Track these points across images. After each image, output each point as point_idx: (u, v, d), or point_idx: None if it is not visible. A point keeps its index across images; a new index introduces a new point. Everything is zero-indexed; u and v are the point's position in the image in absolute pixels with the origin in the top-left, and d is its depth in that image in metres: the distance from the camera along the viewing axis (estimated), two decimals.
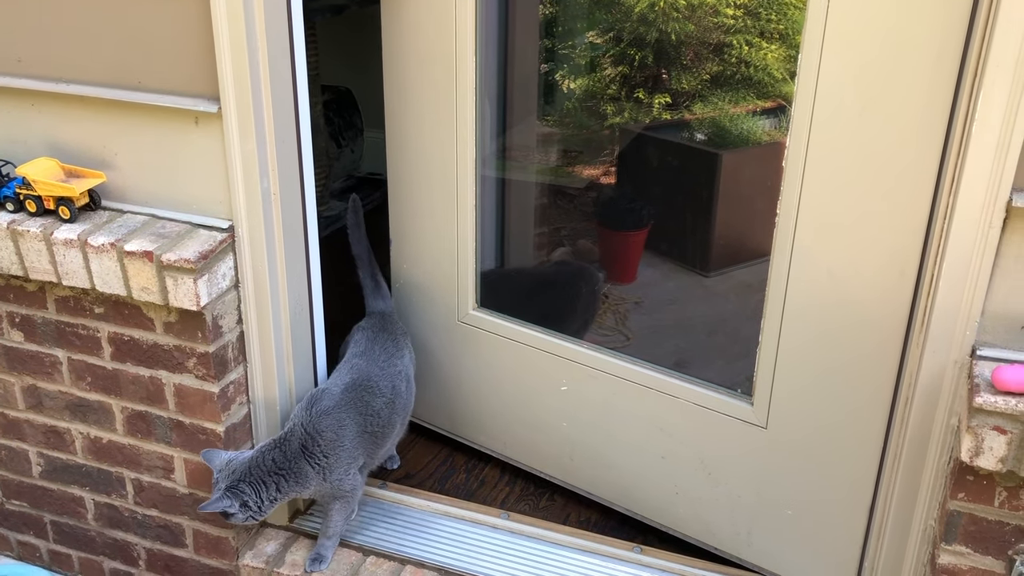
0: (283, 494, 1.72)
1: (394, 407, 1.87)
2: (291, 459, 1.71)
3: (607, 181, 2.68)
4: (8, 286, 1.82)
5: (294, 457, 1.71)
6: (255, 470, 1.70)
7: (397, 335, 1.98)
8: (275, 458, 1.71)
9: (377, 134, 3.66)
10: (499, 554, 1.86)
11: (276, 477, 1.70)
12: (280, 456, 1.71)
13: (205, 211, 1.72)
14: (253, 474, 1.69)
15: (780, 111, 2.38)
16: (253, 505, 1.69)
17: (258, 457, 1.72)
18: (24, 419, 1.94)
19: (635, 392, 1.88)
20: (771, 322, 1.66)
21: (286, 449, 1.72)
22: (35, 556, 2.11)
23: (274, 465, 1.71)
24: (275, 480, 1.70)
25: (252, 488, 1.69)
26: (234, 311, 1.75)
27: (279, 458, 1.71)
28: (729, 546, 1.85)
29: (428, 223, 2.07)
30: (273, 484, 1.70)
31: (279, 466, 1.71)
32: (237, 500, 1.68)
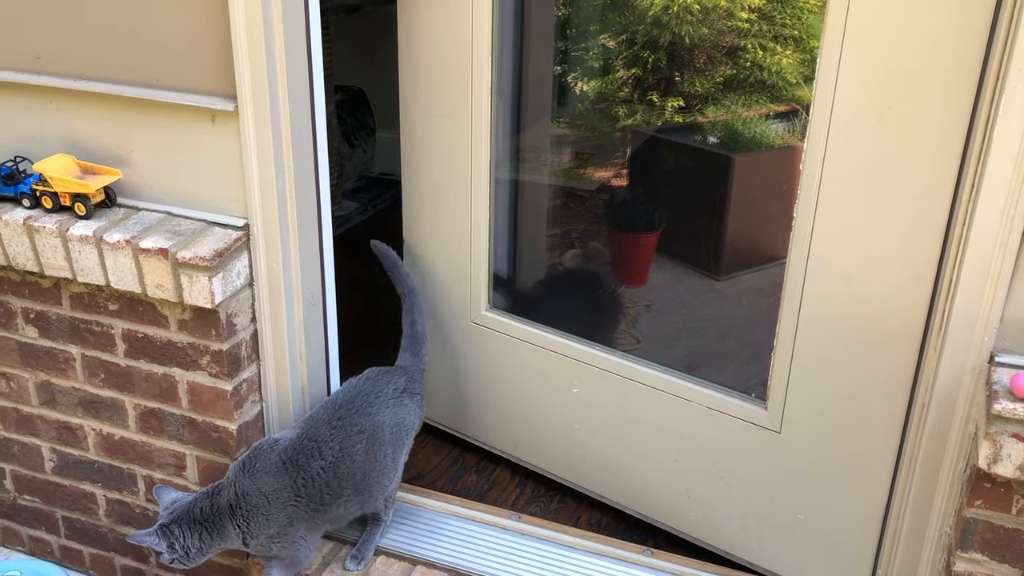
0: (207, 546, 1.65)
1: (337, 472, 1.69)
2: (217, 514, 1.65)
3: (618, 183, 2.68)
4: (23, 282, 1.82)
5: (219, 513, 1.65)
6: (187, 515, 1.65)
7: (386, 393, 1.80)
8: (203, 508, 1.65)
9: (389, 134, 3.68)
10: (510, 556, 1.85)
11: (200, 528, 1.65)
12: (208, 508, 1.65)
13: (220, 209, 1.72)
14: (184, 519, 1.65)
15: (794, 115, 2.37)
16: (180, 549, 1.64)
17: (192, 503, 1.67)
18: (37, 415, 1.95)
19: (648, 395, 1.87)
20: (786, 326, 1.65)
21: (215, 502, 1.66)
22: (46, 552, 2.11)
23: (201, 515, 1.65)
24: (199, 531, 1.65)
25: (182, 532, 1.64)
26: (248, 309, 1.76)
27: (207, 509, 1.65)
28: (740, 550, 1.84)
29: (441, 224, 2.07)
30: (197, 534, 1.65)
31: (205, 517, 1.65)
32: (165, 540, 1.64)
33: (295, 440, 1.70)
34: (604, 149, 2.67)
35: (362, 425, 1.73)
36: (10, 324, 1.87)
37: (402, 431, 1.82)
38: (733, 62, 2.36)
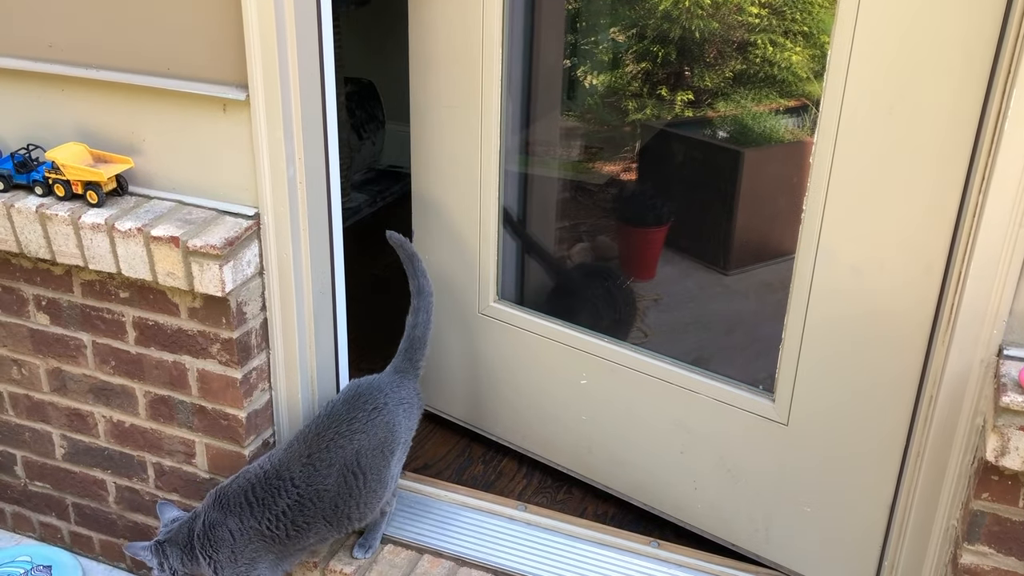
0: (187, 569, 1.66)
1: (303, 509, 1.65)
2: (191, 541, 1.66)
3: (627, 177, 2.68)
4: (35, 269, 1.83)
5: (193, 540, 1.66)
6: (176, 536, 1.67)
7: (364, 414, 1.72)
8: (183, 534, 1.67)
9: (399, 127, 3.69)
10: (516, 545, 1.86)
11: (180, 552, 1.66)
12: (187, 533, 1.66)
13: (231, 198, 1.73)
14: (171, 540, 1.67)
15: (803, 110, 2.37)
16: (167, 569, 1.66)
17: (183, 523, 1.68)
18: (48, 401, 1.96)
19: (655, 387, 1.88)
20: (794, 319, 1.65)
21: (192, 528, 1.66)
22: (56, 537, 2.13)
23: (183, 540, 1.66)
24: (179, 554, 1.66)
25: (172, 551, 1.66)
26: (258, 298, 1.76)
27: (186, 534, 1.66)
28: (747, 543, 1.85)
29: (451, 215, 2.07)
30: (179, 555, 1.66)
31: (184, 542, 1.66)
32: (156, 558, 1.66)
33: (264, 476, 1.67)
34: (613, 143, 2.67)
35: (332, 459, 1.67)
36: (22, 311, 1.89)
37: (388, 446, 1.73)
38: (743, 57, 2.36)
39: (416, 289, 1.90)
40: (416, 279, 1.90)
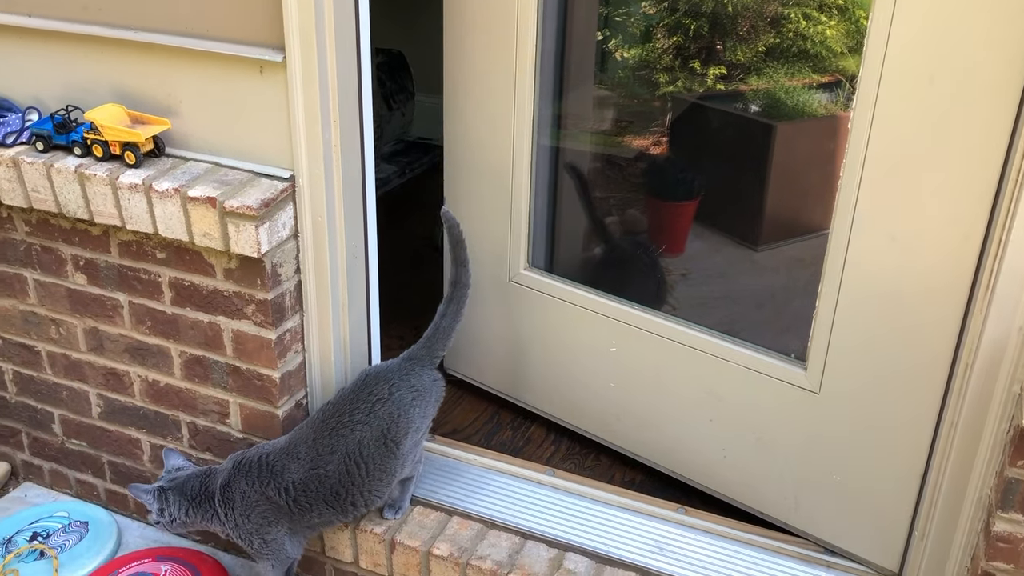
0: (190, 520, 1.73)
1: (306, 489, 1.68)
2: (205, 497, 1.72)
3: (657, 151, 2.67)
4: (74, 229, 1.86)
5: (208, 497, 1.72)
6: (184, 486, 1.73)
7: (368, 405, 1.70)
8: (194, 487, 1.73)
9: (428, 98, 3.69)
10: (544, 509, 1.88)
11: (188, 504, 1.72)
12: (198, 488, 1.73)
13: (267, 160, 1.74)
14: (178, 490, 1.72)
15: (837, 85, 2.34)
16: (167, 516, 1.72)
17: (189, 478, 1.74)
18: (85, 361, 1.99)
19: (686, 355, 1.88)
20: (829, 287, 1.65)
21: (206, 485, 1.73)
22: (92, 495, 2.17)
23: (191, 493, 1.72)
24: (186, 506, 1.72)
25: (174, 500, 1.71)
26: (292, 260, 1.78)
27: (196, 489, 1.73)
28: (775, 511, 1.85)
29: (482, 183, 2.08)
30: (184, 509, 1.72)
31: (194, 496, 1.72)
32: (158, 503, 1.72)
33: (278, 450, 1.72)
34: (644, 116, 2.65)
35: (334, 446, 1.68)
36: (60, 271, 1.92)
37: (392, 436, 1.70)
38: (776, 31, 2.33)
39: (454, 278, 1.84)
40: (456, 267, 1.84)
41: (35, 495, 2.20)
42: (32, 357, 2.05)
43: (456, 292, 1.84)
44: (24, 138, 1.83)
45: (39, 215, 1.87)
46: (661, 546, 1.78)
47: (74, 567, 1.94)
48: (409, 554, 1.80)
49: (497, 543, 1.80)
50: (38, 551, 1.97)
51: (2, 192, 1.83)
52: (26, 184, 1.80)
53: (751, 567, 1.74)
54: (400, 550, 1.81)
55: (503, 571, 1.73)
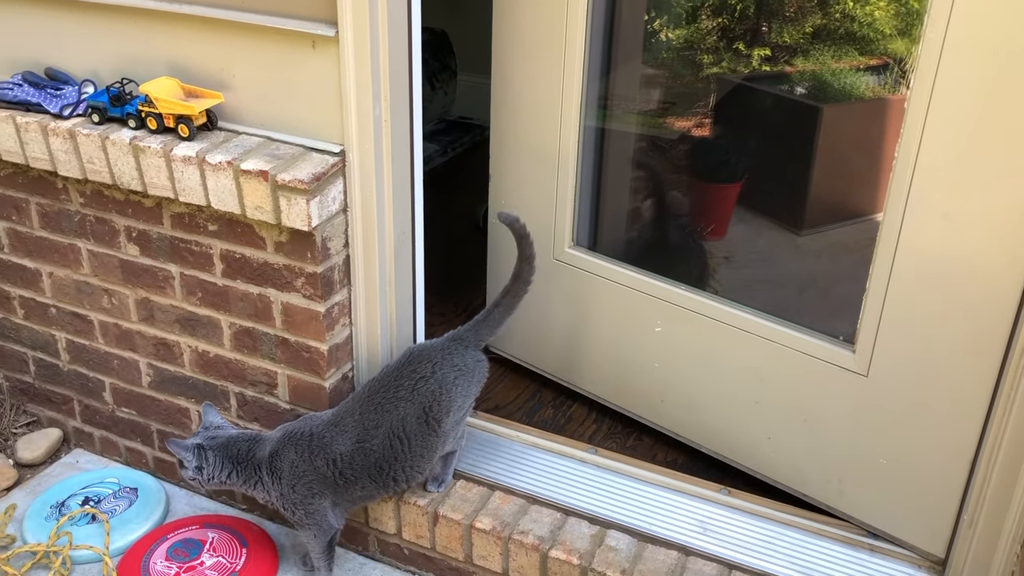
0: (230, 482, 1.76)
1: (352, 463, 1.71)
2: (252, 462, 1.75)
3: (701, 133, 2.64)
4: (127, 201, 1.89)
5: (255, 463, 1.75)
6: (226, 447, 1.75)
7: (411, 382, 1.72)
8: (242, 451, 1.75)
9: (471, 77, 3.68)
10: (586, 486, 1.88)
11: (232, 466, 1.74)
12: (246, 452, 1.75)
13: (318, 135, 1.75)
14: (222, 449, 1.74)
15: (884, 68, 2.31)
16: (204, 475, 1.74)
17: (236, 437, 1.77)
18: (136, 331, 2.03)
19: (733, 336, 1.87)
20: (880, 267, 1.63)
21: (254, 450, 1.75)
22: (141, 462, 2.21)
23: (237, 455, 1.75)
24: (230, 468, 1.74)
25: (215, 460, 1.74)
26: (341, 234, 1.79)
27: (244, 453, 1.75)
28: (819, 494, 1.84)
29: (528, 162, 2.08)
30: (227, 471, 1.75)
31: (240, 459, 1.74)
32: (197, 460, 1.73)
33: (326, 423, 1.75)
34: (687, 97, 2.63)
35: (379, 421, 1.71)
36: (113, 242, 1.95)
37: (434, 415, 1.72)
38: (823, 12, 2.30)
39: (516, 271, 1.82)
40: (519, 262, 1.81)
41: (86, 461, 2.24)
42: (85, 326, 2.09)
43: (515, 286, 1.82)
44: (80, 110, 1.86)
45: (93, 186, 1.91)
46: (704, 526, 1.78)
47: (124, 531, 1.98)
48: (452, 527, 1.82)
49: (539, 518, 1.81)
50: (90, 515, 2.02)
51: (58, 163, 1.87)
52: (82, 155, 1.83)
53: (794, 549, 1.73)
54: (443, 523, 1.83)
55: (545, 546, 1.74)
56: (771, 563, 1.70)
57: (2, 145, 1.91)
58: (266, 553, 1.93)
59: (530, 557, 1.76)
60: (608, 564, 1.70)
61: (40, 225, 2.02)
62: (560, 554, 1.73)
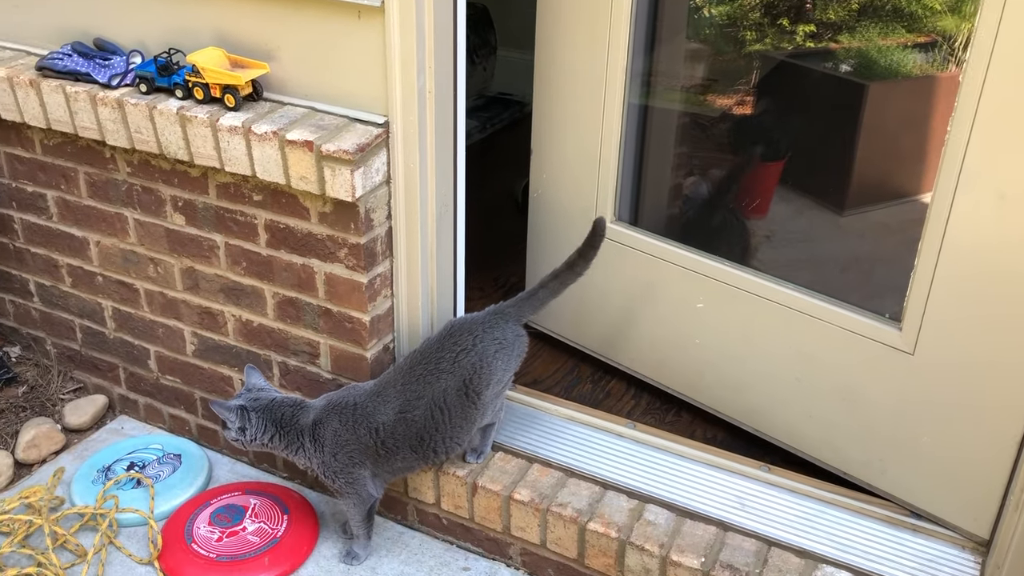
0: (274, 446, 1.78)
1: (394, 432, 1.72)
2: (295, 428, 1.76)
3: (743, 110, 2.61)
4: (173, 171, 1.91)
5: (298, 429, 1.76)
6: (270, 410, 1.77)
7: (452, 354, 1.73)
8: (285, 415, 1.77)
9: (510, 53, 3.67)
10: (625, 461, 1.89)
11: (274, 430, 1.76)
12: (290, 417, 1.77)
13: (362, 106, 1.76)
14: (265, 412, 1.76)
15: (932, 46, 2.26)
16: (247, 436, 1.76)
17: (280, 401, 1.78)
18: (181, 299, 2.06)
19: (776, 313, 1.86)
20: (930, 245, 1.60)
21: (297, 416, 1.77)
22: (185, 429, 2.25)
23: (281, 420, 1.76)
24: (272, 431, 1.76)
25: (257, 421, 1.76)
26: (384, 206, 1.80)
27: (288, 418, 1.76)
28: (861, 473, 1.83)
29: (571, 134, 2.07)
30: (269, 434, 1.77)
31: (283, 424, 1.76)
32: (240, 421, 1.75)
33: (368, 393, 1.77)
34: (729, 74, 2.60)
35: (421, 392, 1.72)
36: (159, 211, 1.97)
37: (474, 387, 1.73)
38: None
39: (571, 261, 1.81)
40: (579, 257, 1.81)
41: (131, 427, 2.29)
42: (131, 294, 2.12)
43: (566, 274, 1.82)
44: (128, 80, 1.88)
45: (140, 156, 1.93)
46: (743, 502, 1.78)
47: (169, 496, 2.02)
48: (490, 498, 1.83)
49: (577, 491, 1.82)
50: (135, 480, 2.06)
51: (107, 132, 1.89)
52: (129, 125, 1.85)
53: (835, 527, 1.72)
54: (482, 493, 1.84)
55: (583, 519, 1.75)
56: (811, 540, 1.69)
57: (52, 114, 1.94)
58: (307, 520, 1.96)
59: (568, 529, 1.77)
60: (646, 538, 1.71)
61: (88, 194, 2.05)
62: (598, 527, 1.74)
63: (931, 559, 1.66)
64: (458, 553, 1.93)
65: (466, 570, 1.88)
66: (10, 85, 1.94)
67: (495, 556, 1.91)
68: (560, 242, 2.15)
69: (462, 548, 1.94)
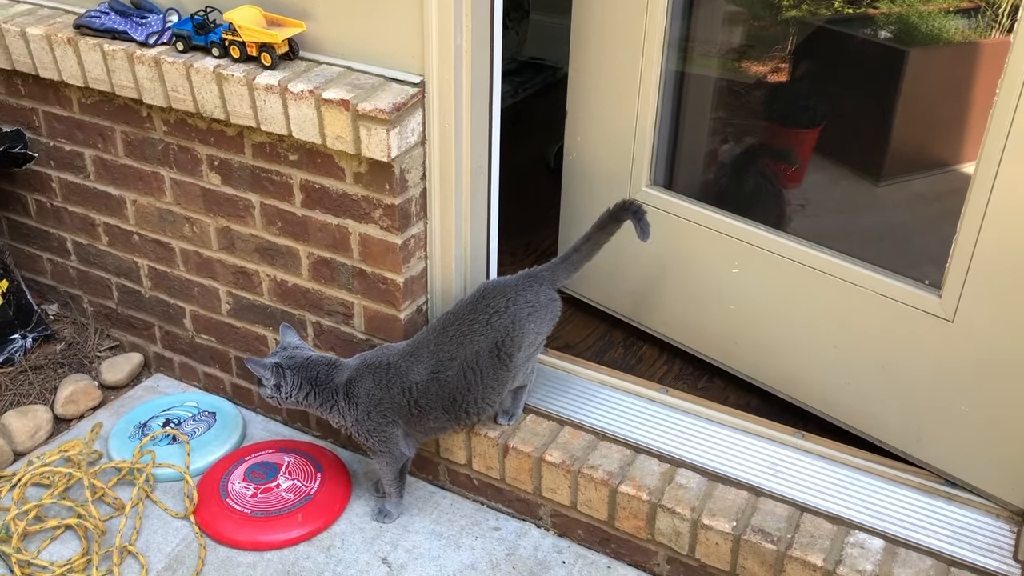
0: (306, 403, 1.80)
1: (427, 392, 1.74)
2: (329, 386, 1.78)
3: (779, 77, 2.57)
4: (209, 130, 1.91)
5: (333, 388, 1.78)
6: (305, 368, 1.78)
7: (485, 316, 1.73)
8: (320, 374, 1.78)
9: (543, 18, 3.63)
10: (656, 425, 1.88)
11: (309, 388, 1.78)
12: (325, 376, 1.78)
13: (398, 65, 1.75)
14: (301, 370, 1.78)
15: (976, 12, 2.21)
16: (282, 393, 1.78)
17: (315, 360, 1.80)
18: (217, 259, 2.07)
19: (814, 278, 1.84)
20: (973, 210, 1.58)
21: (332, 375, 1.78)
22: (219, 388, 2.28)
23: (316, 378, 1.78)
24: (307, 389, 1.78)
25: (292, 379, 1.77)
26: (419, 167, 1.80)
27: (323, 376, 1.78)
28: (896, 440, 1.81)
29: (607, 98, 2.04)
30: (304, 392, 1.78)
31: (318, 382, 1.78)
32: (276, 379, 1.77)
33: (401, 353, 1.78)
34: (766, 40, 2.56)
35: (454, 353, 1.73)
36: (195, 170, 1.98)
37: (506, 349, 1.73)
38: None
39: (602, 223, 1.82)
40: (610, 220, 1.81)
41: (166, 385, 2.32)
42: (166, 254, 2.14)
43: (598, 236, 1.82)
44: (165, 38, 1.88)
45: (177, 115, 1.94)
46: (776, 468, 1.77)
47: (204, 452, 2.05)
48: (522, 459, 1.84)
49: (608, 454, 1.82)
50: (171, 436, 2.09)
51: (143, 91, 1.90)
52: (166, 84, 1.86)
53: (869, 494, 1.71)
54: (513, 455, 1.85)
55: (614, 481, 1.75)
56: (844, 507, 1.68)
57: (89, 73, 1.94)
58: (340, 478, 1.98)
59: (599, 491, 1.77)
60: (678, 501, 1.71)
61: (125, 153, 2.06)
62: (629, 489, 1.74)
63: (965, 527, 1.65)
64: (488, 513, 1.94)
65: (496, 530, 1.90)
66: (48, 43, 1.95)
67: (525, 517, 1.92)
68: (594, 205, 2.13)
69: (492, 509, 1.95)
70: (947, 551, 1.60)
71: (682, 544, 1.72)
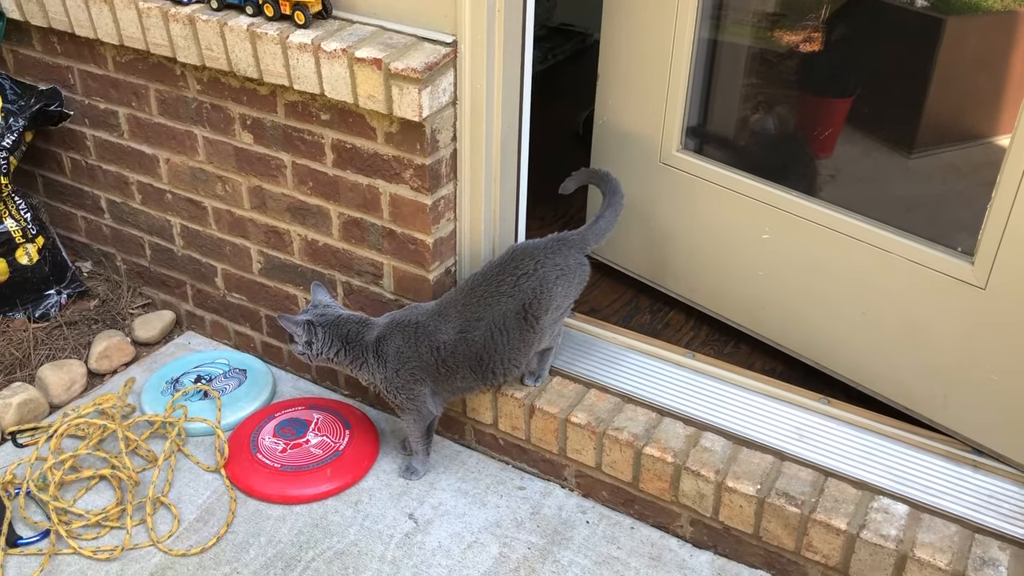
0: (335, 361, 1.82)
1: (454, 352, 1.76)
2: (360, 344, 1.79)
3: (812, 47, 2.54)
4: (243, 88, 1.93)
5: (363, 346, 1.79)
6: (336, 326, 1.80)
7: (513, 279, 1.75)
8: (351, 332, 1.80)
9: None
10: (682, 389, 1.89)
11: (340, 345, 1.80)
12: (355, 334, 1.80)
13: (430, 25, 1.75)
14: (332, 328, 1.79)
15: None
16: (313, 350, 1.80)
17: (346, 318, 1.81)
18: (248, 218, 2.09)
19: (844, 244, 1.83)
20: (1010, 175, 1.56)
21: (362, 334, 1.80)
22: (249, 346, 2.31)
23: (347, 336, 1.79)
24: (338, 347, 1.80)
25: (324, 336, 1.79)
26: (450, 127, 1.80)
27: (354, 334, 1.80)
28: (923, 407, 1.81)
29: (639, 63, 2.03)
30: (335, 349, 1.80)
31: (349, 340, 1.79)
32: (307, 335, 1.79)
33: (430, 312, 1.79)
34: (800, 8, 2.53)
35: (482, 314, 1.75)
36: (228, 129, 2.00)
37: (533, 311, 1.75)
38: None
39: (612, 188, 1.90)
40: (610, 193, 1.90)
41: (197, 343, 2.35)
42: (199, 212, 2.16)
43: (613, 199, 1.89)
44: None
45: (210, 73, 1.95)
46: (801, 433, 1.78)
47: (234, 408, 2.08)
48: (547, 420, 1.86)
49: (634, 417, 1.83)
50: (202, 392, 2.12)
51: (178, 49, 1.91)
52: (200, 42, 1.87)
53: (894, 460, 1.72)
54: (539, 415, 1.87)
55: (639, 443, 1.77)
56: (869, 472, 1.69)
57: (124, 30, 1.96)
58: (368, 435, 2.01)
59: (624, 453, 1.79)
60: (702, 464, 1.72)
61: (158, 111, 2.08)
62: (654, 451, 1.75)
63: (991, 495, 1.65)
64: (513, 473, 1.96)
65: (521, 489, 1.92)
66: (84, 1, 1.97)
67: (550, 477, 1.94)
68: (624, 169, 2.13)
69: (517, 468, 1.97)
70: (972, 518, 1.60)
71: (706, 506, 1.73)
